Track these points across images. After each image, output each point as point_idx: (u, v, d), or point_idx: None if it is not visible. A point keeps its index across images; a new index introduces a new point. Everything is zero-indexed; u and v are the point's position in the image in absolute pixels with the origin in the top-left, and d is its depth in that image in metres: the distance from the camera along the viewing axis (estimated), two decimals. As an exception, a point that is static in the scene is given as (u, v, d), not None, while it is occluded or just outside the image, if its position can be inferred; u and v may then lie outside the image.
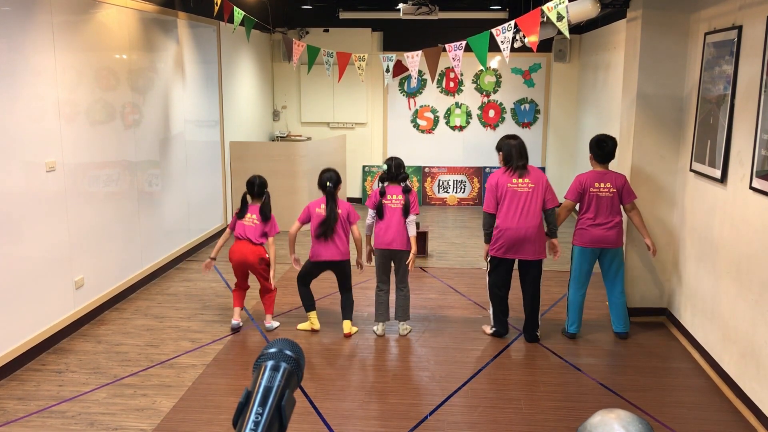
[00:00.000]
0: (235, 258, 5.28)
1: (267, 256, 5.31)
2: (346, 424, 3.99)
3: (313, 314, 5.42)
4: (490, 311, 5.27)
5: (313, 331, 5.39)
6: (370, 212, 5.28)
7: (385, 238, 5.21)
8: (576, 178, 5.23)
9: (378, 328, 5.35)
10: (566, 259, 7.58)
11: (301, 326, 5.46)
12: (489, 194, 5.11)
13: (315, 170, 5.69)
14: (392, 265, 5.32)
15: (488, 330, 5.35)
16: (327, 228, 5.19)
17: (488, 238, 5.13)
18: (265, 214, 5.31)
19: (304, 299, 5.40)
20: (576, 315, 5.26)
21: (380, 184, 5.37)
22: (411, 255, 5.19)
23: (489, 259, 5.17)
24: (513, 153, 5.06)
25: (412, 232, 5.22)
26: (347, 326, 5.33)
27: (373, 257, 5.35)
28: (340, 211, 5.25)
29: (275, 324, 5.49)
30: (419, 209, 5.48)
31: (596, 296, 5.97)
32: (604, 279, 5.31)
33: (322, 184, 5.27)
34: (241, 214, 5.34)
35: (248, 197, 5.44)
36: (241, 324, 5.43)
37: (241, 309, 5.48)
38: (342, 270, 5.33)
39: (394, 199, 5.22)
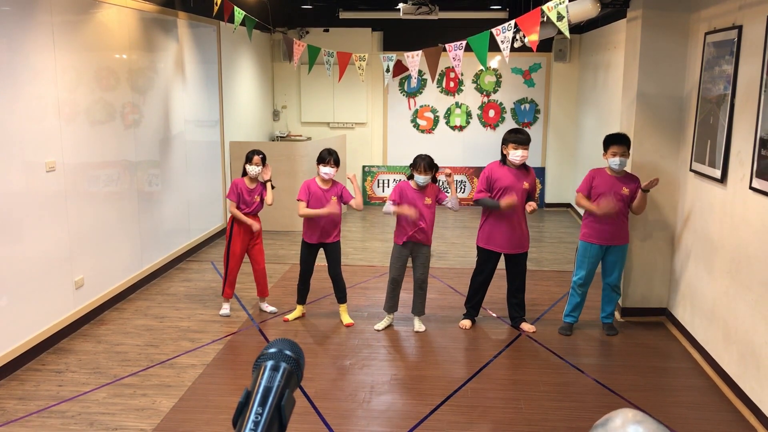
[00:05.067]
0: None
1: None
2: (346, 424, 3.99)
3: (300, 308, 5.69)
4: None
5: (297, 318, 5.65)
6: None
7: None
8: (588, 173, 5.30)
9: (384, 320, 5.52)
10: (568, 259, 7.58)
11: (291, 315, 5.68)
12: None
13: (315, 170, 5.69)
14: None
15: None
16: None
17: None
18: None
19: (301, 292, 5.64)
20: (574, 307, 5.38)
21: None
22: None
23: None
24: None
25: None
26: (344, 314, 5.62)
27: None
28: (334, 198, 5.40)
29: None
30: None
31: (598, 296, 5.96)
32: (602, 274, 5.34)
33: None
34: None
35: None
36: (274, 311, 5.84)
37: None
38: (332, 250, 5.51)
39: None
